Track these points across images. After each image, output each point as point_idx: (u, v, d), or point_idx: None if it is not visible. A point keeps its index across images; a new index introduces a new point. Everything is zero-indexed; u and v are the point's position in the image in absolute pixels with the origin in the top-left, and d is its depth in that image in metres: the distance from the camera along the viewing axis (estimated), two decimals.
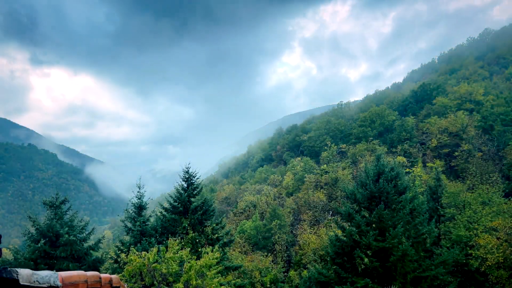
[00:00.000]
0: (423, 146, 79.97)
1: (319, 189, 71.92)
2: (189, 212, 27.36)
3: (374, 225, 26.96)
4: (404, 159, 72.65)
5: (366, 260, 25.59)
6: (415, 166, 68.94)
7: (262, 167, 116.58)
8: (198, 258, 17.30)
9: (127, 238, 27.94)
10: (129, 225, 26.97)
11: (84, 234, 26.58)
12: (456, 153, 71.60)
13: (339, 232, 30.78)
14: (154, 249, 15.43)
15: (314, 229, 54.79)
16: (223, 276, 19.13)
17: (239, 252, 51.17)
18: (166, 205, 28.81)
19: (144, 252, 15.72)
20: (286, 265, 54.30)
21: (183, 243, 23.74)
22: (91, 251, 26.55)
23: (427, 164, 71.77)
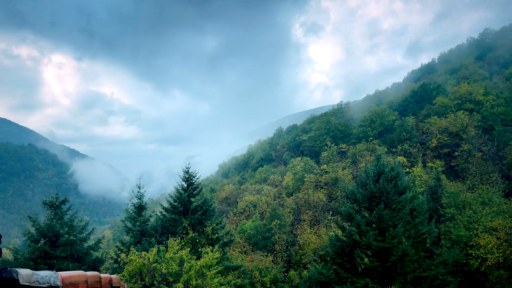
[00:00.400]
0: (423, 146, 79.96)
1: (319, 189, 71.92)
2: (189, 212, 27.37)
3: (374, 225, 26.96)
4: (404, 159, 72.65)
5: (366, 260, 25.58)
6: (415, 166, 68.97)
7: (262, 167, 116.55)
8: (198, 258, 17.32)
9: (127, 238, 27.94)
10: (129, 225, 26.98)
11: (84, 234, 26.57)
12: (456, 153, 71.62)
13: (339, 232, 30.79)
14: (154, 249, 15.44)
15: (314, 229, 54.83)
16: (223, 276, 19.17)
17: (239, 252, 51.20)
18: (166, 205, 28.83)
19: (144, 252, 15.73)
20: (286, 265, 54.29)
21: (183, 243, 23.76)
22: (91, 251, 26.54)
23: (427, 164, 71.78)
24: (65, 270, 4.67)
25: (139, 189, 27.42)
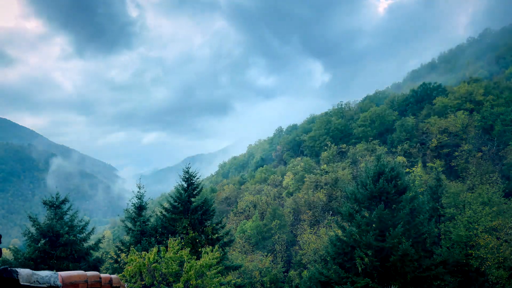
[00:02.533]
0: (423, 146, 79.94)
1: (319, 189, 71.89)
2: (189, 212, 27.36)
3: (374, 225, 26.98)
4: (404, 159, 72.65)
5: (366, 260, 25.59)
6: (415, 166, 68.91)
7: (262, 167, 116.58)
8: (198, 258, 17.32)
9: (127, 238, 27.96)
10: (129, 225, 26.99)
11: (84, 234, 26.53)
12: (456, 153, 71.59)
13: (339, 232, 30.80)
14: (154, 249, 15.43)
15: (314, 229, 54.82)
16: (223, 276, 19.17)
17: (239, 252, 51.21)
18: (166, 205, 28.83)
19: (144, 252, 15.73)
20: (286, 265, 54.30)
21: (183, 243, 23.74)
22: (91, 251, 26.51)
23: (427, 164, 71.76)
24: (65, 270, 4.66)
25: (139, 189, 27.44)
